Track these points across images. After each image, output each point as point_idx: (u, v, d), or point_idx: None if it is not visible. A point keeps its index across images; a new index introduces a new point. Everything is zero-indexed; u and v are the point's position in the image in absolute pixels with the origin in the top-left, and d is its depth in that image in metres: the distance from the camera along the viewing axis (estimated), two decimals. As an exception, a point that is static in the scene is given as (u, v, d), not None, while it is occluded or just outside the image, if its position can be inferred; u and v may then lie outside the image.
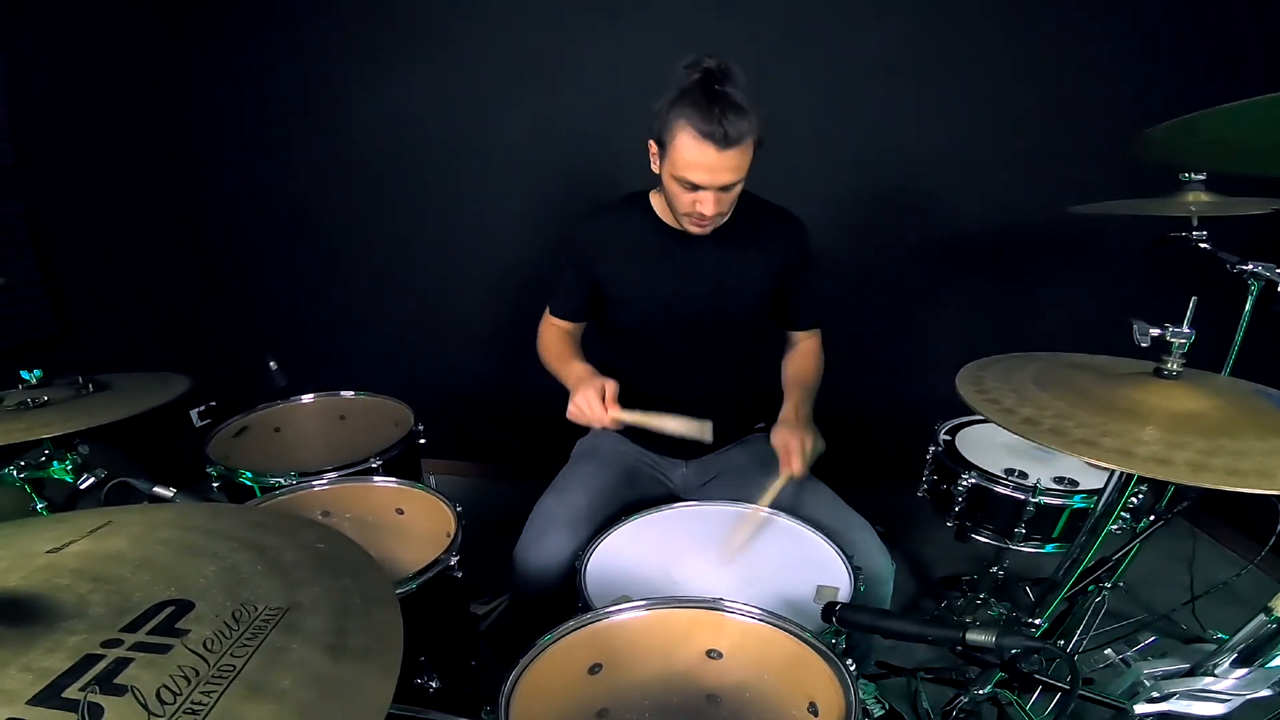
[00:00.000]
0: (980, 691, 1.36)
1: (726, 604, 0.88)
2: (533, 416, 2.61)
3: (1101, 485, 1.40)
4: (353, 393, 1.84)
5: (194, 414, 2.56)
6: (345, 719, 0.51)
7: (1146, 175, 1.64)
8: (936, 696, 1.61)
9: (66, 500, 1.39)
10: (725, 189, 1.28)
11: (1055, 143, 2.08)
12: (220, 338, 2.75)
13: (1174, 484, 1.40)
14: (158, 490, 1.15)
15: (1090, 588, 1.47)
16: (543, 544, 1.29)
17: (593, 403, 1.29)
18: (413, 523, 1.44)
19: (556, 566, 1.27)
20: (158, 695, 0.49)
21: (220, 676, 0.52)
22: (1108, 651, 0.63)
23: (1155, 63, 2.00)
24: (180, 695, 0.50)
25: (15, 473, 1.24)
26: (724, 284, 1.45)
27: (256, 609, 0.62)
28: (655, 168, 1.37)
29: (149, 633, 0.57)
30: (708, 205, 1.28)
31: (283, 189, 2.53)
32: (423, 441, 1.69)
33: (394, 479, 1.42)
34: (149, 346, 2.44)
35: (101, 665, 0.52)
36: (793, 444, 1.34)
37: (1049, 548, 1.47)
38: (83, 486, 1.26)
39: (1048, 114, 2.08)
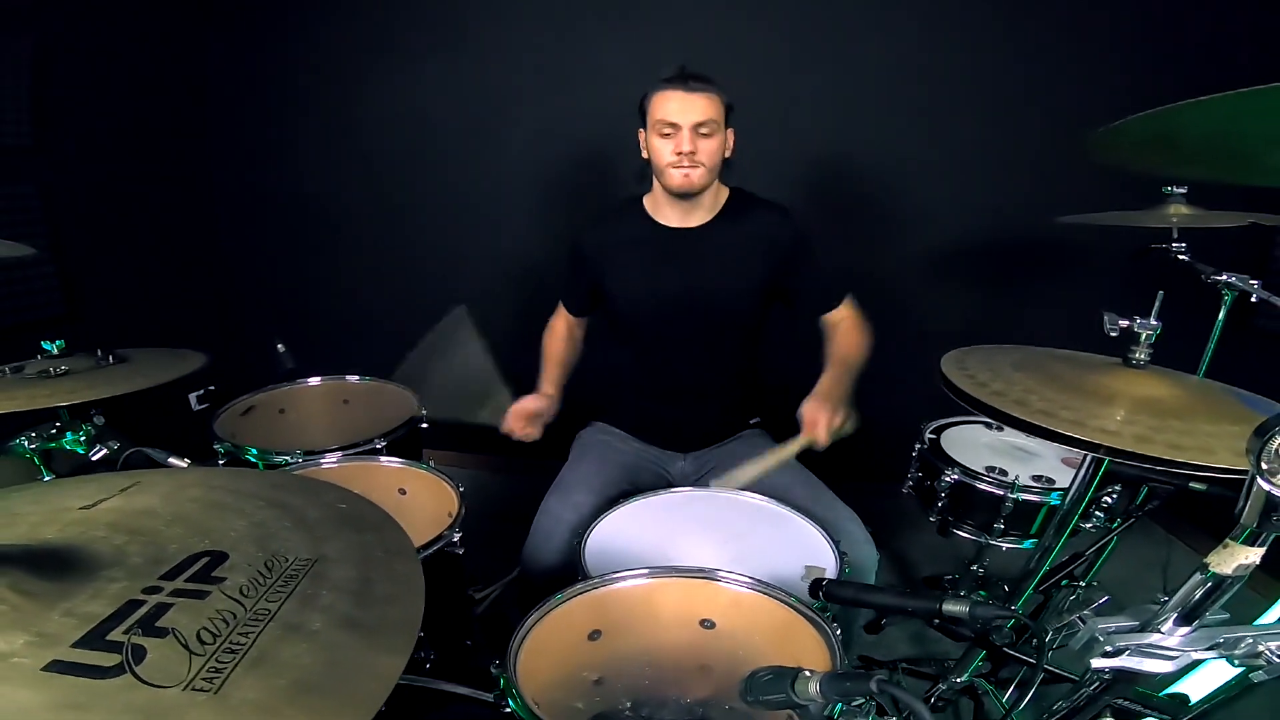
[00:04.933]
0: (958, 680, 1.42)
1: (721, 574, 0.93)
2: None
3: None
4: (358, 377, 1.88)
5: (193, 398, 2.59)
6: (373, 655, 0.55)
7: (1131, 188, 1.72)
8: (915, 690, 1.67)
9: (74, 473, 1.42)
10: (700, 130, 1.38)
11: (1045, 155, 2.15)
12: (224, 322, 2.78)
13: (1145, 482, 1.46)
14: (173, 461, 1.19)
15: (1064, 582, 1.53)
16: (550, 545, 1.34)
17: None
18: (414, 502, 1.48)
19: (564, 565, 1.30)
20: (198, 636, 0.53)
21: (256, 619, 0.56)
22: (1069, 613, 0.69)
23: (1144, 76, 2.07)
24: (219, 636, 0.53)
25: (26, 443, 1.28)
26: (718, 279, 1.50)
27: (287, 560, 0.67)
28: (644, 152, 1.49)
29: (187, 580, 0.60)
30: (685, 140, 1.38)
31: (294, 179, 2.56)
32: (425, 426, 1.73)
33: (398, 459, 1.46)
34: (153, 328, 2.47)
35: (143, 610, 0.55)
36: (820, 415, 1.36)
37: (1027, 543, 1.52)
38: (94, 458, 1.29)
39: (1038, 126, 2.14)
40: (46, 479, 1.33)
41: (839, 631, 0.82)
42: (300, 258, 2.67)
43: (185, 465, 1.19)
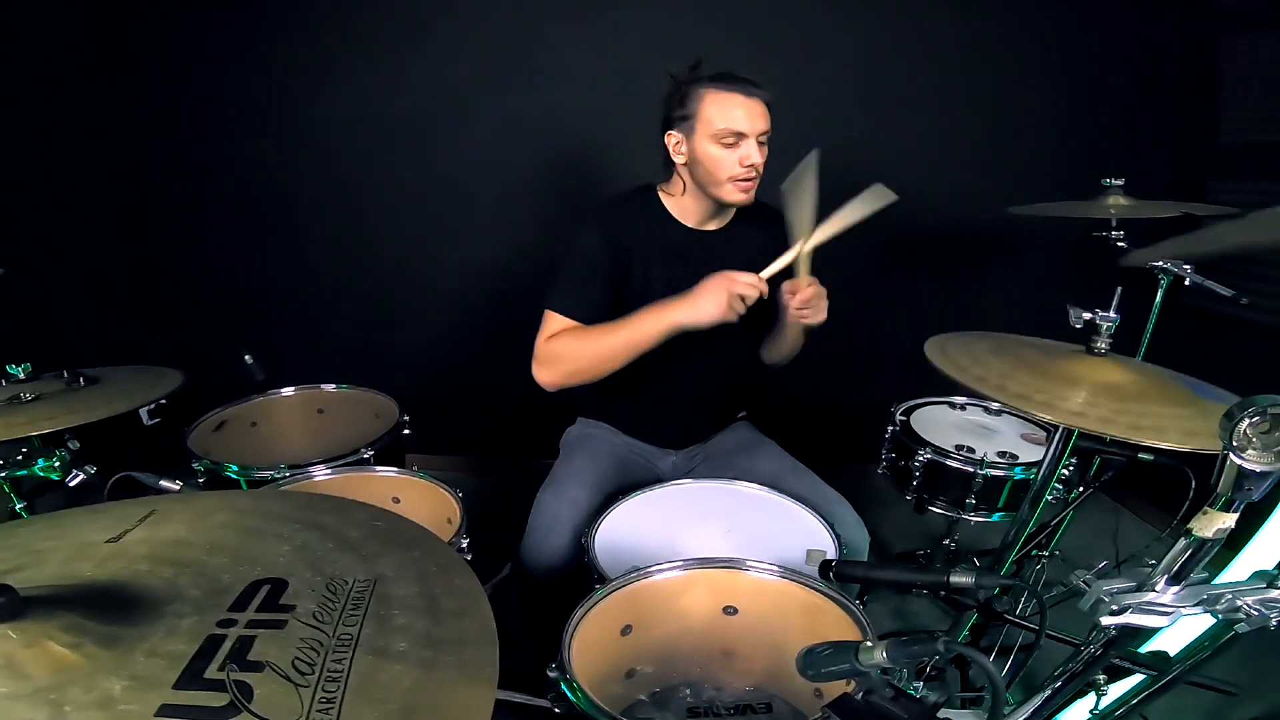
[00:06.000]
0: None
1: (749, 563, 0.97)
2: (509, 409, 2.63)
3: (1036, 459, 1.61)
4: (334, 386, 1.83)
5: (143, 413, 2.45)
6: (467, 671, 0.56)
7: (1074, 180, 1.85)
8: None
9: (33, 495, 1.34)
10: (761, 140, 1.34)
11: (996, 150, 2.29)
12: (178, 334, 2.63)
13: (1099, 454, 1.59)
14: (164, 484, 1.14)
15: (1034, 553, 1.65)
16: (550, 541, 1.33)
17: (733, 277, 1.23)
18: (408, 511, 1.46)
19: (564, 562, 1.31)
20: (294, 667, 0.52)
21: (343, 645, 0.56)
22: (1075, 574, 0.76)
23: (1082, 80, 2.24)
24: (315, 666, 0.53)
25: (-3, 472, 1.20)
26: None
27: (347, 582, 0.66)
28: (681, 157, 1.38)
29: (257, 610, 0.59)
30: (754, 153, 1.32)
31: (248, 180, 2.43)
32: (407, 432, 1.71)
33: (393, 468, 1.44)
34: (100, 345, 2.31)
35: (228, 645, 0.54)
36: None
37: (995, 516, 1.62)
38: (72, 484, 1.23)
39: (990, 124, 2.28)
40: (16, 505, 1.26)
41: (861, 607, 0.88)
42: (260, 263, 2.54)
43: (178, 488, 1.15)
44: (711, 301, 1.24)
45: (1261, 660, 1.53)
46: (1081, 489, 1.60)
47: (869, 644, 0.64)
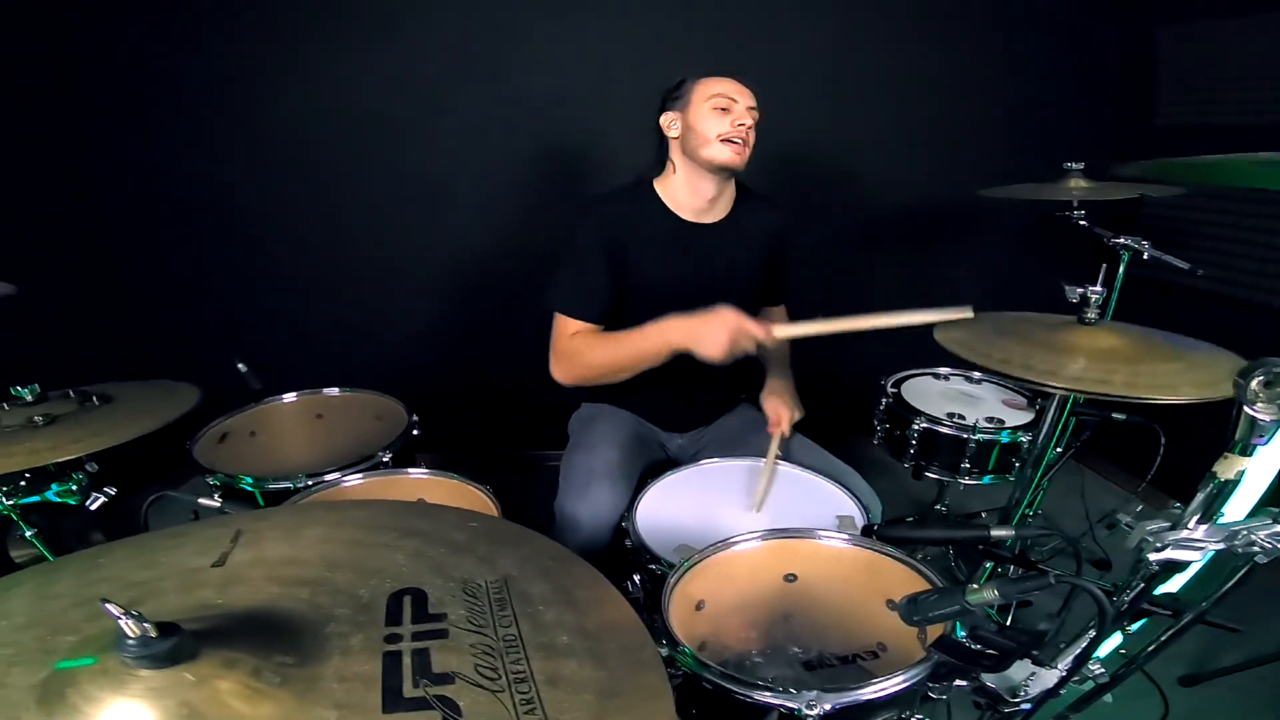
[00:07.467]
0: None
1: (820, 532, 1.05)
2: (504, 402, 2.63)
3: (1021, 422, 1.74)
4: (337, 390, 1.78)
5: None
6: (631, 655, 0.59)
7: (1036, 163, 1.99)
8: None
9: (50, 525, 1.27)
10: (751, 111, 1.42)
11: (963, 135, 2.41)
12: (156, 347, 2.48)
13: (1075, 415, 1.72)
14: (203, 501, 1.12)
15: (1029, 511, 1.77)
16: (589, 495, 1.35)
17: (743, 322, 1.29)
18: (438, 512, 1.46)
19: (604, 515, 1.34)
20: (479, 674, 0.53)
21: (512, 647, 0.57)
22: (1118, 517, 0.86)
23: (1038, 72, 2.39)
24: (499, 670, 0.54)
25: (5, 500, 1.14)
26: (729, 271, 1.55)
27: (480, 585, 0.67)
28: (675, 131, 1.47)
29: (414, 623, 0.59)
30: (744, 115, 1.40)
31: (208, 185, 2.28)
32: (416, 433, 1.68)
33: (423, 470, 1.43)
34: (79, 364, 2.15)
35: (408, 661, 0.54)
36: (782, 411, 1.55)
37: (987, 479, 1.73)
38: (93, 508, 1.18)
39: (953, 114, 2.40)
40: (25, 533, 1.19)
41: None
42: (235, 267, 2.41)
43: (218, 504, 1.12)
44: (713, 339, 1.29)
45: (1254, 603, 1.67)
46: (1060, 450, 1.74)
47: (974, 586, 0.70)
